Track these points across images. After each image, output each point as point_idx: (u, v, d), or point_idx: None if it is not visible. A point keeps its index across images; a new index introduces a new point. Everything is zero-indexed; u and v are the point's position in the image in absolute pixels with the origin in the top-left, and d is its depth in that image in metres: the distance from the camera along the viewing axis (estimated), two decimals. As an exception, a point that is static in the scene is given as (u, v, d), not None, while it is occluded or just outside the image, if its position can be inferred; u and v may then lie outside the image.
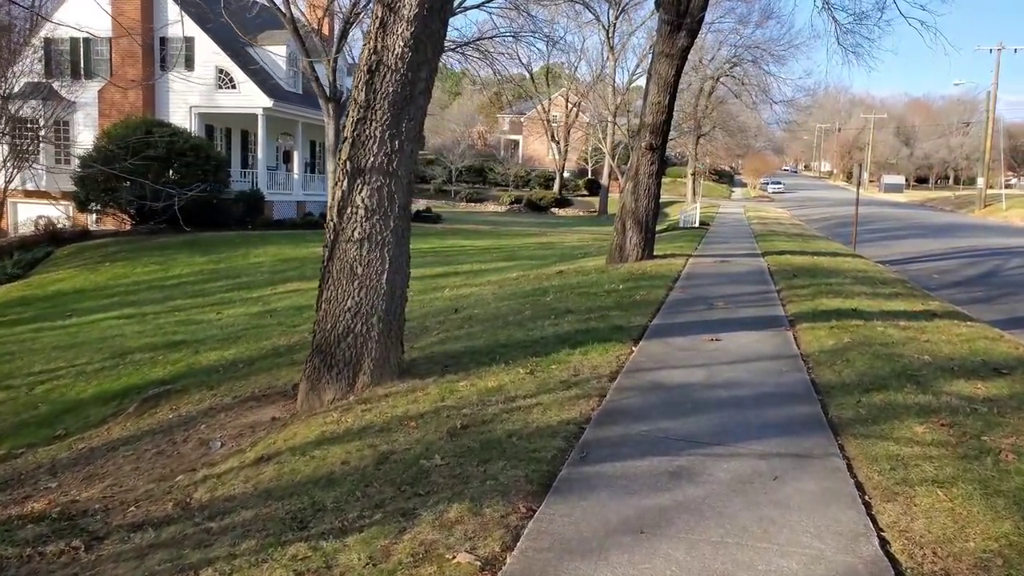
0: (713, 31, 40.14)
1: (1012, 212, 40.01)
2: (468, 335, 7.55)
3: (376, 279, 5.49)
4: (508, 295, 10.53)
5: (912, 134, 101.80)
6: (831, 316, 8.21)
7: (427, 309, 10.31)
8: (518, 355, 6.34)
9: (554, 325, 7.63)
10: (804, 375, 5.78)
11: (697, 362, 6.07)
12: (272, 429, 5.19)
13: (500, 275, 14.55)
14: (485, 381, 5.59)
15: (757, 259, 14.82)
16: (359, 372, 5.55)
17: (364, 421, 4.74)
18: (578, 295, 9.68)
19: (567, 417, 4.56)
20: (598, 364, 5.93)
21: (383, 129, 5.34)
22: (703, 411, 4.67)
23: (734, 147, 56.83)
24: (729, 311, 8.64)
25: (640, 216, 13.52)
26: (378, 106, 5.31)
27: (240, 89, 25.42)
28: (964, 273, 15.60)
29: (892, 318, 8.27)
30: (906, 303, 9.56)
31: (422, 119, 5.57)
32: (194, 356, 9.01)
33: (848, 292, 10.06)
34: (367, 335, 5.52)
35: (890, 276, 12.84)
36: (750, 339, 7.07)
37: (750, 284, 10.95)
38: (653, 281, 10.79)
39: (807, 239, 21.57)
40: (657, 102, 13.21)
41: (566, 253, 19.57)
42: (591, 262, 14.75)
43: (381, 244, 5.47)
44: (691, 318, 8.12)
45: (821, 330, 7.46)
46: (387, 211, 5.45)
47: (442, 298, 11.57)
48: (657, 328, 7.46)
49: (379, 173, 5.39)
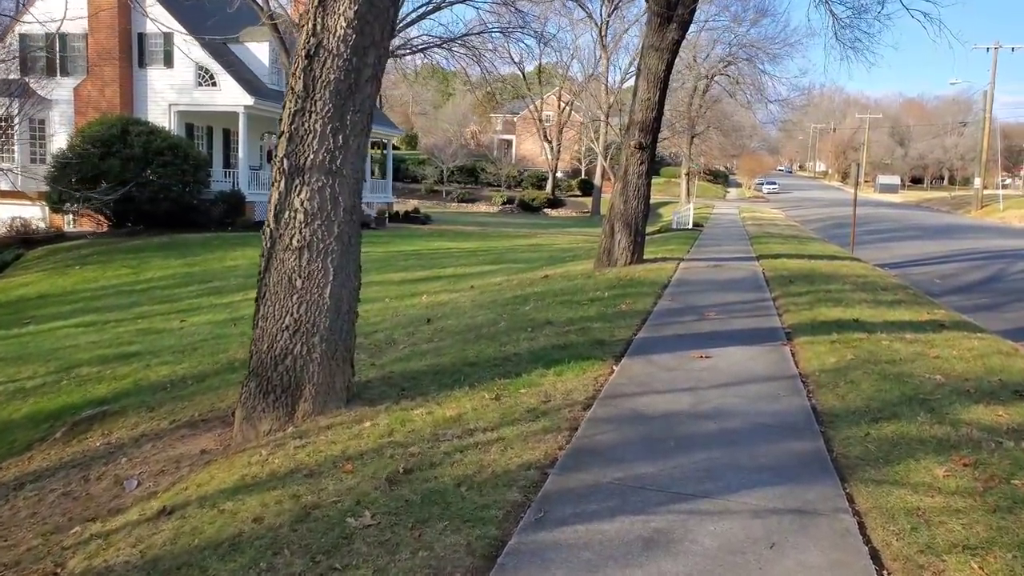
0: (707, 29, 39.59)
1: (1009, 213, 39.53)
2: (436, 350, 6.89)
3: (318, 293, 4.82)
4: (487, 303, 9.87)
5: (907, 134, 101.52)
6: (831, 328, 7.58)
7: (399, 319, 9.64)
8: (486, 376, 5.68)
9: (530, 339, 6.97)
10: (804, 400, 5.14)
11: (684, 385, 5.41)
12: (196, 466, 4.52)
13: (483, 280, 13.88)
14: (444, 408, 4.92)
15: (752, 263, 14.19)
16: (299, 399, 4.88)
17: (294, 462, 4.07)
18: (560, 304, 9.03)
19: (529, 459, 3.90)
20: (573, 388, 5.26)
21: (324, 122, 4.67)
22: (688, 450, 4.01)
23: (728, 147, 56.24)
24: (721, 322, 7.99)
25: (629, 218, 12.87)
26: (318, 96, 4.64)
27: (221, 86, 24.66)
28: (967, 278, 15.00)
29: (897, 330, 7.64)
30: (911, 312, 8.94)
31: (370, 111, 4.90)
32: (144, 370, 8.32)
33: (848, 300, 9.43)
34: (308, 357, 4.84)
35: (891, 282, 12.21)
36: (743, 356, 6.42)
37: (744, 291, 10.31)
38: (641, 288, 10.14)
39: (803, 241, 20.96)
40: (647, 98, 12.56)
41: (555, 256, 18.91)
42: (579, 266, 14.10)
43: (324, 253, 4.80)
44: (680, 331, 7.47)
45: (821, 345, 6.82)
46: (330, 215, 4.79)
47: (418, 305, 10.90)
48: (642, 343, 6.80)
49: (321, 172, 4.72)
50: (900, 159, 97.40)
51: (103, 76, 24.77)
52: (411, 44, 21.54)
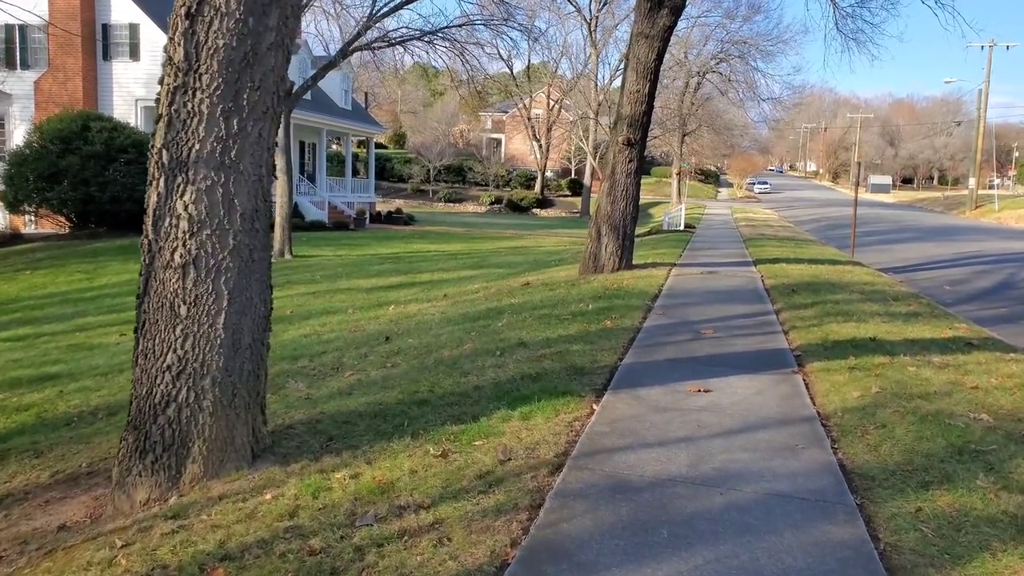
0: (699, 25, 38.66)
1: (1005, 213, 38.79)
2: (385, 380, 5.81)
3: (208, 323, 3.73)
4: (457, 317, 8.80)
5: (897, 134, 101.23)
6: (847, 350, 6.56)
7: (357, 335, 8.55)
8: (436, 419, 4.61)
9: (497, 367, 5.90)
10: (829, 454, 4.09)
11: (679, 432, 4.36)
12: (37, 556, 3.42)
13: (460, 287, 12.81)
14: (375, 469, 3.86)
15: (749, 268, 13.18)
16: (186, 460, 3.79)
17: (151, 561, 2.99)
18: (537, 319, 7.97)
19: (469, 563, 2.83)
20: (540, 439, 4.20)
21: (213, 103, 3.59)
22: (688, 546, 2.95)
23: (720, 146, 55.37)
24: (720, 342, 6.95)
25: (617, 221, 11.83)
26: (204, 68, 3.55)
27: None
28: (978, 284, 14.04)
29: (921, 351, 6.63)
30: (930, 327, 7.93)
31: (277, 88, 3.82)
32: (55, 399, 7.20)
33: (860, 313, 8.42)
34: (196, 405, 3.76)
35: (901, 290, 11.22)
36: (749, 388, 5.38)
37: (743, 302, 9.28)
38: (629, 299, 9.10)
39: (800, 244, 20.00)
40: (636, 90, 11.52)
41: (540, 259, 17.86)
42: (563, 272, 13.05)
43: (215, 271, 3.72)
44: (673, 354, 6.42)
45: (838, 372, 5.79)
46: (223, 223, 3.70)
47: (383, 318, 9.81)
48: (628, 372, 5.74)
49: (209, 167, 3.63)
50: (891, 159, 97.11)
51: (65, 69, 23.54)
52: (389, 37, 20.40)
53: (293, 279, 14.81)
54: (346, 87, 33.69)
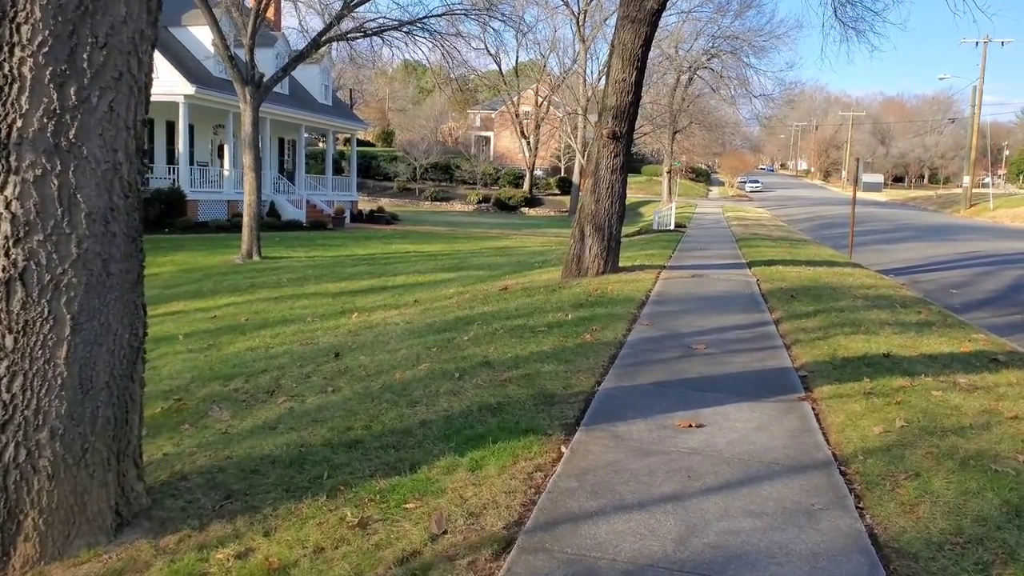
0: (690, 20, 37.86)
1: (1000, 212, 38.22)
2: (318, 411, 4.91)
3: (44, 357, 2.82)
4: (421, 328, 7.90)
5: (887, 133, 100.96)
6: (859, 369, 5.71)
7: (307, 348, 7.64)
8: (364, 468, 3.72)
9: (453, 393, 5.01)
10: (854, 519, 3.22)
11: (665, 488, 3.48)
12: None
13: (434, 291, 11.92)
14: (271, 545, 2.96)
15: (743, 271, 12.35)
16: (16, 537, 2.87)
17: None
18: (509, 331, 7.08)
19: None
20: (489, 500, 3.31)
21: (39, 63, 2.67)
22: None
23: (711, 144, 54.63)
24: (714, 360, 6.08)
25: (601, 220, 10.95)
26: (23, 14, 2.64)
27: (158, 74, 22.32)
28: (984, 287, 13.25)
29: (943, 369, 5.80)
30: (947, 340, 7.09)
31: (136, 47, 2.91)
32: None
33: (867, 323, 7.58)
34: (28, 466, 2.85)
35: (906, 295, 10.41)
36: (749, 421, 4.51)
37: (738, 311, 8.43)
38: (613, 308, 8.23)
39: (795, 244, 19.19)
40: (621, 79, 10.64)
41: (523, 261, 16.96)
42: (545, 274, 12.17)
43: (53, 289, 2.81)
44: (659, 375, 5.54)
45: (854, 400, 4.94)
46: (61, 225, 2.79)
47: (342, 328, 8.90)
48: (607, 400, 4.86)
49: (38, 150, 2.72)
50: (882, 158, 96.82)
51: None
52: (365, 28, 19.44)
53: (258, 282, 13.87)
54: (326, 82, 32.66)
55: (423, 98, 69.78)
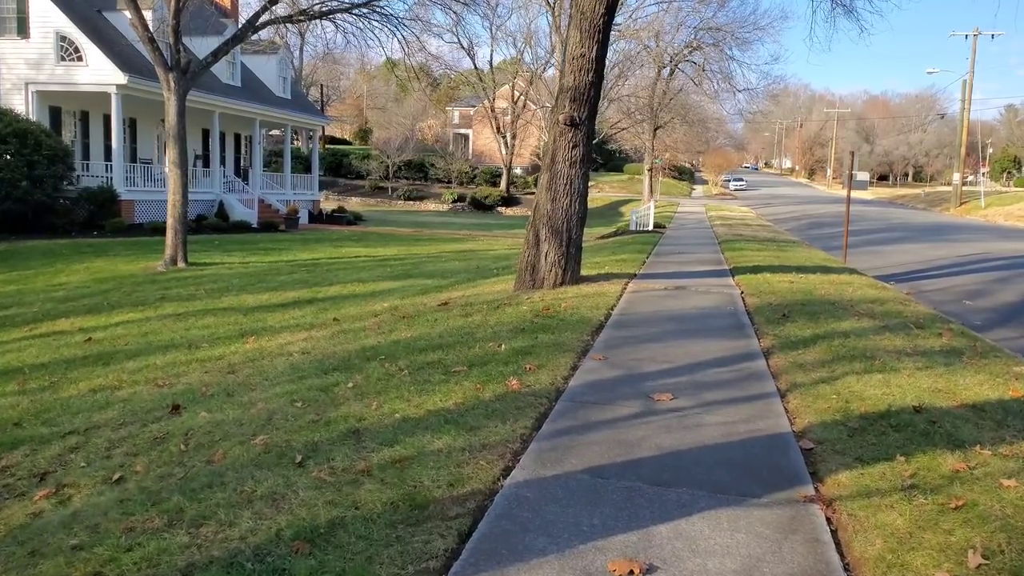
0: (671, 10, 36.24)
1: (992, 210, 36.93)
2: (62, 526, 3.11)
3: None
4: (310, 365, 6.11)
5: (872, 131, 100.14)
6: (887, 436, 4.02)
7: (153, 396, 5.82)
8: None
9: (271, 499, 3.24)
10: None
11: None
12: None
13: (364, 306, 10.13)
14: None
15: (725, 280, 10.66)
16: None
17: None
18: (416, 372, 5.32)
19: None
20: None
21: None
22: None
23: (694, 141, 53.10)
24: (680, 422, 4.34)
25: (559, 222, 9.20)
26: None
27: (88, 61, 20.42)
28: (1002, 297, 11.63)
29: (999, 430, 4.15)
30: (988, 378, 5.40)
31: None
32: None
33: (881, 354, 5.88)
34: None
35: (918, 310, 8.73)
36: (728, 557, 2.77)
37: (718, 336, 6.71)
38: (561, 333, 6.48)
39: (782, 246, 17.55)
40: (580, 54, 8.90)
41: (482, 267, 15.21)
42: (500, 284, 10.43)
43: None
44: (599, 454, 3.79)
45: (890, 506, 3.22)
46: None
47: (224, 360, 7.09)
48: (509, 510, 3.10)
49: None
50: (867, 156, 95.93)
51: (-58, 47, 20.40)
52: (309, 11, 17.61)
53: (169, 295, 12.00)
54: (284, 75, 30.67)
55: (404, 96, 67.90)
